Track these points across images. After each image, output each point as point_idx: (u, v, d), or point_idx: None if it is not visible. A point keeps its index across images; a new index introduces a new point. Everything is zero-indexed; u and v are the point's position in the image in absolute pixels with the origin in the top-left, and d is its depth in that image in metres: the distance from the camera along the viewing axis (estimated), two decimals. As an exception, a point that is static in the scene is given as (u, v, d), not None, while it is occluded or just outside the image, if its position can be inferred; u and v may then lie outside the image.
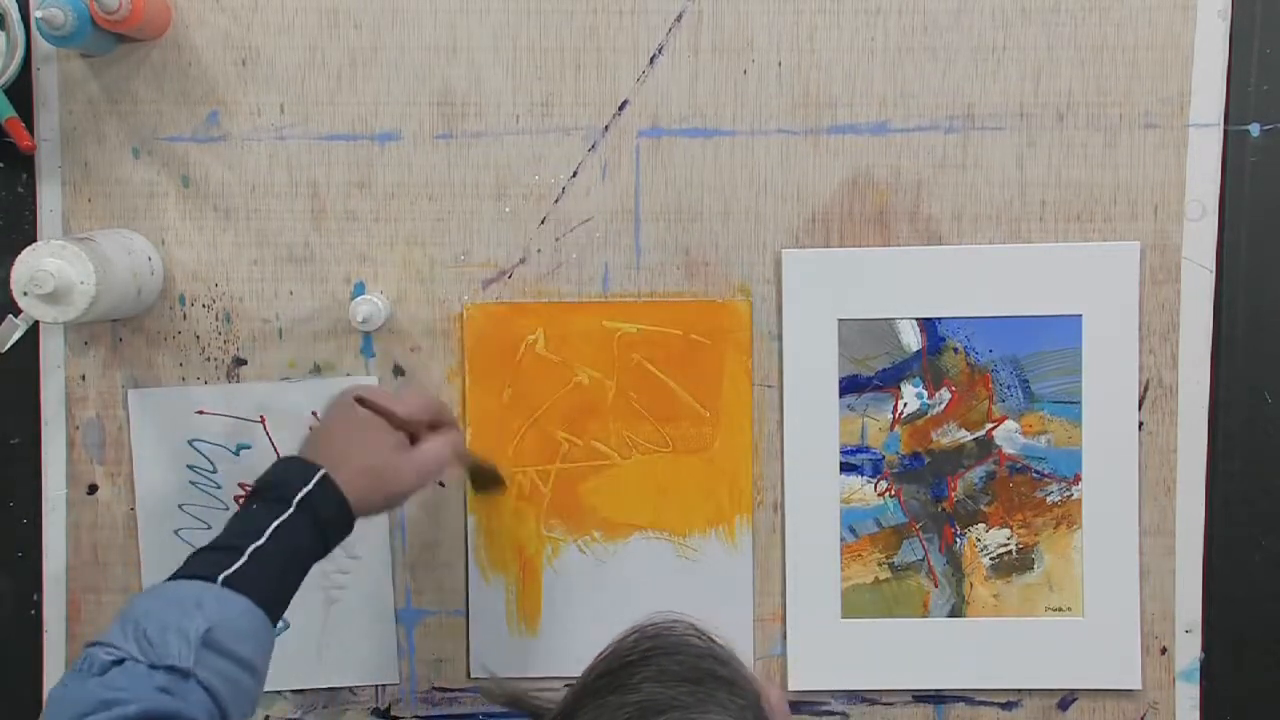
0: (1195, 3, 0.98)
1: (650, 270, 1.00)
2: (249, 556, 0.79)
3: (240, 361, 1.01)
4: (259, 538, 0.80)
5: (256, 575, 0.79)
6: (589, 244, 1.00)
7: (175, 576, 0.79)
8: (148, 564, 1.02)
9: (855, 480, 1.01)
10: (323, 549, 0.84)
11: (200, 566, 0.79)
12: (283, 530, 0.81)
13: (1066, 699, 1.02)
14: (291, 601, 0.83)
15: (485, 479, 0.99)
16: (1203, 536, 1.01)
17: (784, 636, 1.01)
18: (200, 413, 1.01)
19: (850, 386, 1.00)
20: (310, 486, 0.83)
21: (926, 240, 1.00)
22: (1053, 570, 1.01)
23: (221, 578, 0.78)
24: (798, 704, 1.01)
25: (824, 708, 1.02)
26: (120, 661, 0.74)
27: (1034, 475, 1.00)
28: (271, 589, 0.80)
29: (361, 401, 0.88)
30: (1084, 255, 0.99)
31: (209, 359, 1.01)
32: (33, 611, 1.02)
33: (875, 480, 1.01)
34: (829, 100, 0.99)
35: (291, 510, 0.82)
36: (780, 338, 1.00)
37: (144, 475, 1.01)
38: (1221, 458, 1.01)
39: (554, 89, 0.99)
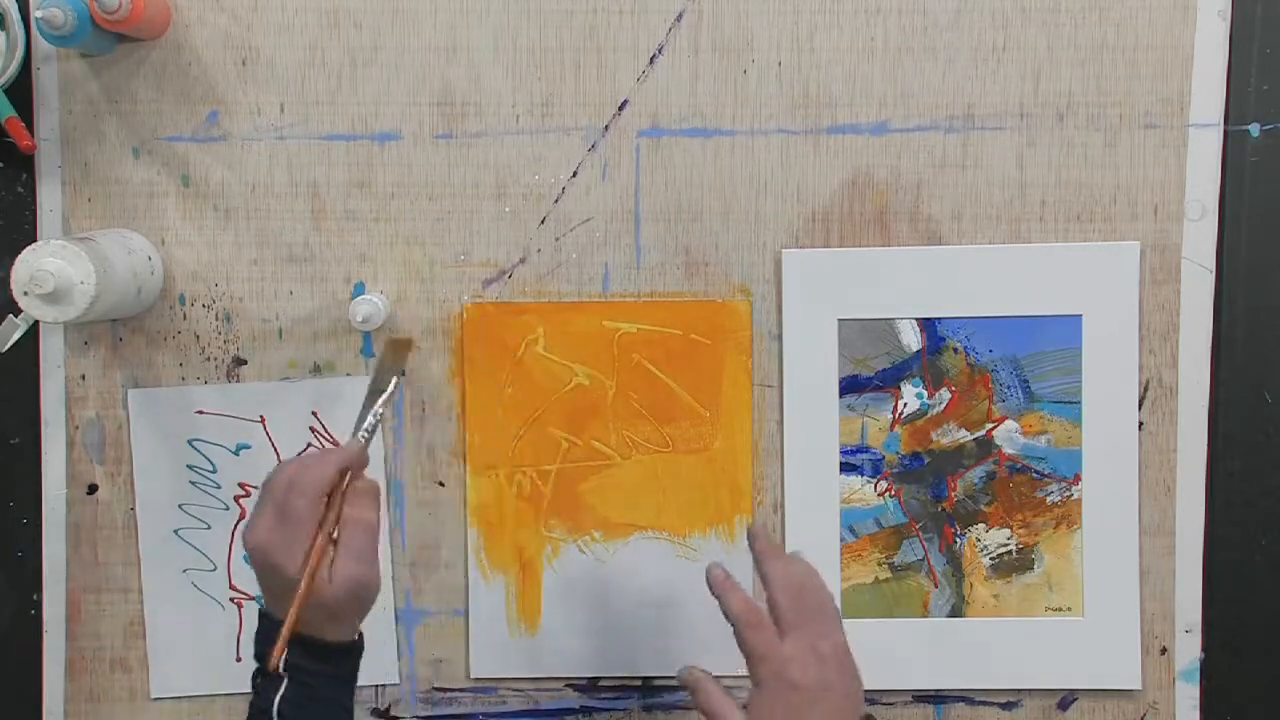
0: (1195, 3, 0.98)
1: (650, 270, 1.01)
2: None
3: (240, 361, 1.01)
4: (270, 718, 0.80)
5: None
6: (589, 244, 1.00)
7: None
8: (148, 564, 1.02)
9: (855, 480, 1.01)
10: (345, 681, 0.83)
11: None
12: (286, 703, 0.80)
13: (1066, 699, 1.02)
14: None
15: (395, 366, 0.94)
16: (1203, 536, 1.01)
17: (784, 636, 1.01)
18: (200, 413, 1.01)
19: (850, 386, 1.00)
20: (287, 653, 0.80)
21: (926, 240, 1.00)
22: (1053, 570, 1.01)
23: None
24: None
25: (824, 708, 1.02)
26: None
27: (1034, 475, 1.00)
28: None
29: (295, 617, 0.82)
30: (1084, 255, 0.99)
31: (209, 359, 1.01)
32: (33, 611, 1.02)
33: (875, 480, 1.01)
34: (829, 100, 0.99)
35: (286, 682, 0.80)
36: (780, 338, 1.00)
37: (144, 475, 1.01)
38: (1221, 458, 1.01)
39: (554, 89, 1.00)
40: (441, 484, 1.01)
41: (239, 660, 1.02)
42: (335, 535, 0.82)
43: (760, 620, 0.85)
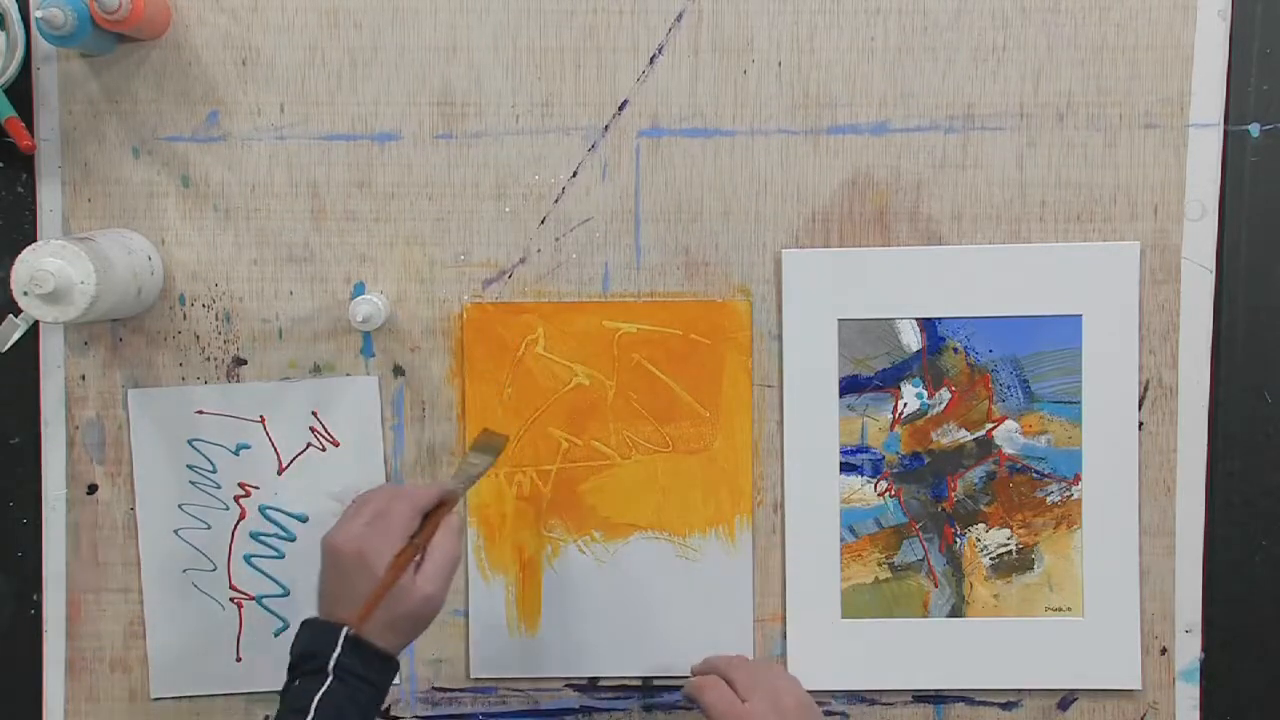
0: (1195, 3, 0.98)
1: (650, 270, 1.01)
2: None
3: (240, 361, 1.01)
4: (307, 715, 0.82)
5: None
6: (589, 244, 1.00)
7: None
8: (148, 564, 1.02)
9: (855, 480, 1.01)
10: (378, 695, 0.85)
11: None
12: (327, 699, 0.83)
13: (1066, 699, 1.02)
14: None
15: (495, 456, 0.98)
16: (1203, 536, 1.01)
17: (784, 636, 1.01)
18: (200, 413, 1.01)
19: (850, 386, 1.00)
20: (339, 650, 0.83)
21: (926, 240, 1.00)
22: (1053, 570, 1.01)
23: None
24: (798, 704, 1.01)
25: (824, 708, 1.02)
26: None
27: (1034, 475, 1.00)
28: None
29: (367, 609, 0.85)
30: (1084, 255, 0.99)
31: (209, 359, 1.01)
32: (33, 611, 1.02)
33: (875, 480, 1.01)
34: (829, 100, 0.99)
35: (330, 679, 0.83)
36: (780, 338, 1.00)
37: (144, 475, 1.01)
38: (1221, 458, 1.01)
39: (554, 89, 1.00)
40: (441, 484, 1.01)
41: (239, 660, 1.02)
42: (421, 553, 0.87)
43: (717, 682, 0.92)
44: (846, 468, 1.01)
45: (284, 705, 0.84)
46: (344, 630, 0.84)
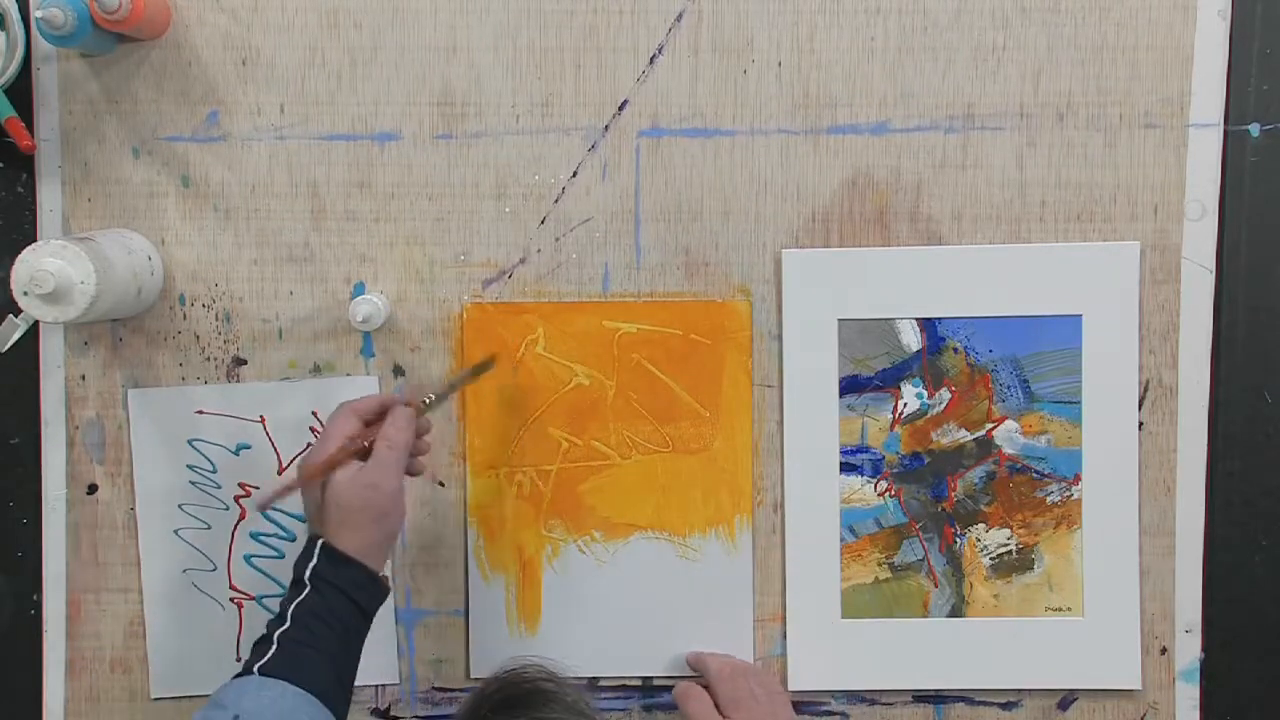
0: (1195, 3, 0.98)
1: (650, 270, 1.01)
2: (278, 642, 0.84)
3: (240, 361, 1.01)
4: (284, 622, 0.85)
5: (288, 658, 0.83)
6: (589, 244, 1.00)
7: (239, 674, 0.84)
8: (148, 564, 1.02)
9: (855, 480, 1.01)
10: (359, 614, 0.87)
11: (251, 658, 0.84)
12: (302, 609, 0.85)
13: (1066, 699, 1.02)
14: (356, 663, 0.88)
15: (475, 375, 0.98)
16: (1203, 536, 1.01)
17: (784, 636, 1.01)
18: (200, 413, 1.01)
19: (850, 386, 1.00)
20: (315, 559, 0.86)
21: (926, 240, 1.00)
22: (1053, 570, 1.01)
23: (257, 668, 0.83)
24: (798, 704, 1.01)
25: (824, 708, 1.02)
26: None
27: (1034, 475, 1.00)
28: (310, 667, 0.84)
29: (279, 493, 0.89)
30: (1084, 255, 0.99)
31: (209, 359, 1.01)
32: (33, 611, 1.02)
33: (875, 480, 1.01)
34: (829, 100, 0.99)
35: (307, 589, 0.85)
36: (780, 338, 1.00)
37: (144, 475, 1.01)
38: (1221, 458, 1.01)
39: (554, 89, 1.00)
40: (441, 484, 1.01)
41: (239, 660, 1.02)
42: (365, 448, 0.89)
43: (701, 693, 0.95)
44: (846, 468, 1.01)
45: (275, 612, 0.86)
46: (319, 541, 0.86)
